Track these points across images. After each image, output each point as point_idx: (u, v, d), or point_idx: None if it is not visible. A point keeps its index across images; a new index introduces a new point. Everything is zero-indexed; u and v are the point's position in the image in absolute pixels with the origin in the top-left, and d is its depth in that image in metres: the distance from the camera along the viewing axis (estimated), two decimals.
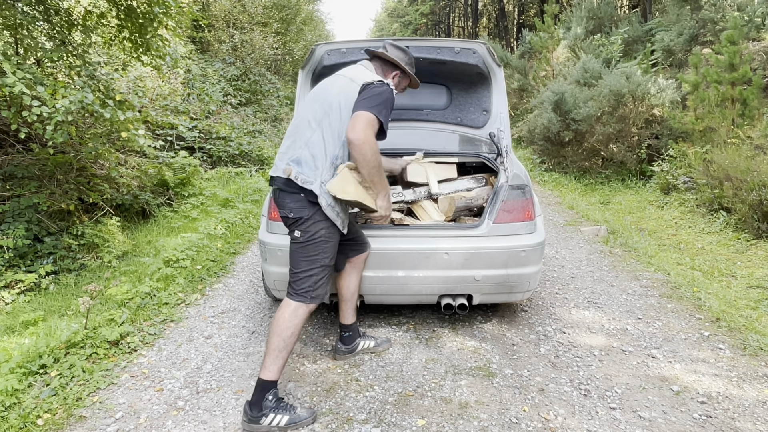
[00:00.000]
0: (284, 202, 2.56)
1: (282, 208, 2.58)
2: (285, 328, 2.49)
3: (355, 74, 2.64)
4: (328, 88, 2.63)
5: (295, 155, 2.53)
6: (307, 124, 2.56)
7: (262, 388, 2.49)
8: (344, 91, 2.55)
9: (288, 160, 2.54)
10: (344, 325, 3.11)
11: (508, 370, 2.95)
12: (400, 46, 2.89)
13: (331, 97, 2.56)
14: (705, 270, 4.71)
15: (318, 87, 2.73)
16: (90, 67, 4.93)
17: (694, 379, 2.85)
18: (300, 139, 2.56)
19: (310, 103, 2.64)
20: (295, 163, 2.51)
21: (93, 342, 3.31)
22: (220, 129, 9.63)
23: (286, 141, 2.66)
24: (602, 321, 3.59)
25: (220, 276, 4.66)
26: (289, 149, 2.58)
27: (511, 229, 3.14)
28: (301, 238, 2.55)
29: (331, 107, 2.53)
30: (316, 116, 2.55)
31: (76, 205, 5.60)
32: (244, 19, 15.11)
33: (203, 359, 3.19)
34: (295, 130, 2.62)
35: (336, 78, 2.68)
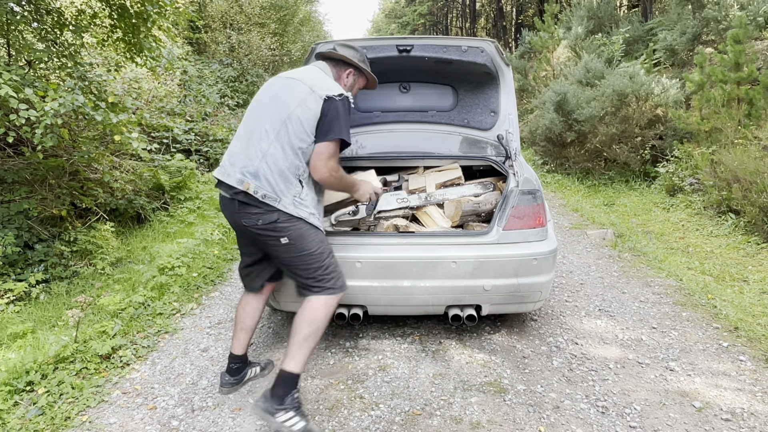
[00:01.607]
0: (246, 211, 2.40)
1: (245, 219, 2.41)
2: (314, 318, 2.43)
3: (314, 81, 2.50)
4: (286, 94, 2.46)
5: (251, 167, 2.37)
6: (264, 133, 2.41)
7: (286, 380, 2.38)
8: (305, 102, 2.41)
9: (243, 170, 2.38)
10: (236, 357, 2.81)
11: (521, 385, 2.80)
12: (351, 45, 2.81)
13: (290, 107, 2.41)
14: (716, 275, 4.57)
15: (273, 88, 2.57)
16: (81, 68, 4.77)
17: (716, 394, 2.71)
18: (255, 147, 2.41)
19: (265, 106, 2.50)
20: (253, 176, 2.36)
21: (83, 356, 3.16)
22: (217, 131, 9.47)
23: (237, 142, 2.51)
24: (615, 331, 3.45)
25: (216, 284, 4.50)
26: (242, 156, 2.43)
27: (522, 236, 2.99)
28: (291, 240, 2.43)
29: (290, 118, 2.39)
30: (273, 125, 2.41)
31: (69, 210, 5.44)
32: (241, 19, 14.96)
33: (199, 374, 3.04)
34: (249, 134, 2.47)
35: (293, 84, 2.49)
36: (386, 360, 3.08)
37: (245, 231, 2.49)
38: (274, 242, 2.44)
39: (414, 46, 3.44)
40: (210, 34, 14.21)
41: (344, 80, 2.74)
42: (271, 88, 2.56)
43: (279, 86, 2.54)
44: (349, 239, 3.02)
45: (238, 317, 2.80)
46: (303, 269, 2.48)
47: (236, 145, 2.50)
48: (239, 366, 2.83)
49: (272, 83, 2.61)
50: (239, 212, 2.41)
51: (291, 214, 2.39)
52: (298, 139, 2.39)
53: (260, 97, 2.58)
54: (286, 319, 3.69)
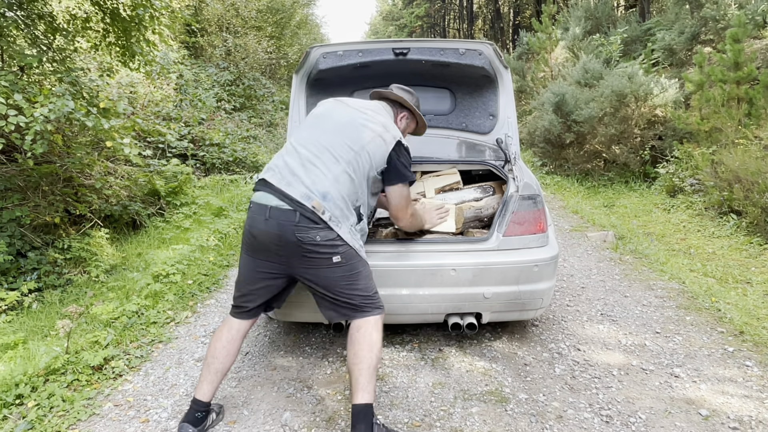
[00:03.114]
0: (307, 225, 2.27)
1: (302, 233, 2.27)
2: (373, 343, 2.35)
3: (386, 121, 2.57)
4: (359, 126, 2.49)
5: (321, 187, 2.32)
6: (334, 157, 2.39)
7: (365, 413, 2.26)
8: (376, 141, 2.46)
9: (312, 189, 2.31)
10: (203, 403, 2.45)
11: (522, 394, 2.73)
12: (406, 89, 2.89)
13: (363, 140, 2.44)
14: (718, 277, 4.51)
15: (341, 114, 2.57)
16: (72, 73, 4.70)
17: (722, 402, 2.64)
18: (326, 168, 2.36)
19: (336, 131, 2.48)
20: (322, 196, 2.30)
21: (75, 367, 3.08)
22: (213, 135, 9.40)
23: (302, 152, 2.43)
24: (618, 336, 3.38)
25: (212, 291, 4.43)
26: (307, 170, 2.36)
27: (522, 243, 2.93)
28: (343, 260, 2.35)
29: (362, 150, 2.42)
30: (344, 153, 2.40)
31: (62, 217, 5.36)
32: (238, 23, 14.90)
33: (193, 385, 2.96)
34: (317, 153, 2.41)
35: (367, 118, 2.53)
36: (385, 369, 3.01)
37: (284, 246, 2.32)
38: (324, 261, 2.32)
39: (410, 49, 3.38)
40: (206, 38, 14.15)
41: (398, 123, 2.81)
42: (340, 115, 2.56)
43: (349, 115, 2.55)
44: None
45: (213, 356, 2.48)
46: (351, 289, 2.39)
47: (300, 156, 2.42)
48: (203, 414, 2.47)
49: (338, 108, 2.61)
50: (298, 225, 2.27)
51: (345, 240, 2.34)
52: (364, 172, 2.43)
53: (326, 120, 2.56)
54: (283, 327, 3.62)
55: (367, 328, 2.37)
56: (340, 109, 2.61)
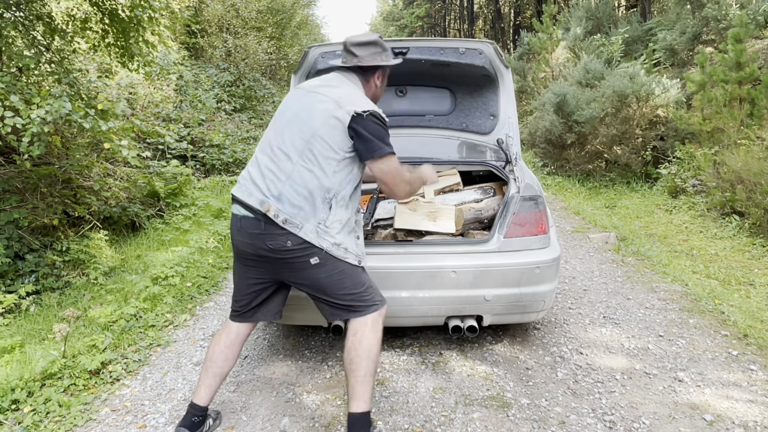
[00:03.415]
0: (273, 232, 2.17)
1: (271, 240, 2.18)
2: (370, 348, 2.23)
3: (340, 95, 2.28)
4: (309, 111, 2.27)
5: (275, 189, 2.18)
6: (287, 154, 2.23)
7: (361, 422, 2.22)
8: (329, 122, 2.21)
9: (265, 191, 2.19)
10: (200, 408, 2.40)
11: (524, 399, 2.69)
12: (363, 41, 2.45)
13: (314, 125, 2.22)
14: (721, 278, 4.47)
15: (295, 102, 2.37)
16: (70, 74, 4.67)
17: (727, 406, 2.60)
18: (278, 168, 2.22)
19: (288, 123, 2.30)
20: (276, 199, 2.17)
21: (72, 372, 3.05)
22: (213, 136, 9.37)
23: (260, 159, 2.30)
24: (621, 339, 3.34)
25: (211, 293, 4.40)
26: (264, 175, 2.23)
27: (523, 244, 2.89)
28: (322, 260, 2.21)
29: (314, 137, 2.21)
30: (295, 145, 2.22)
31: (61, 219, 5.33)
32: (238, 23, 14.87)
33: (191, 389, 2.93)
34: (272, 152, 2.27)
35: (317, 99, 2.29)
36: (385, 373, 2.98)
37: (263, 256, 2.25)
38: (302, 265, 2.22)
39: (410, 49, 3.34)
40: (206, 39, 14.13)
41: (375, 83, 2.51)
42: (294, 103, 2.36)
43: (302, 101, 2.34)
44: None
45: (211, 359, 2.42)
46: (337, 290, 2.27)
47: (258, 163, 2.29)
48: (200, 419, 2.42)
49: (295, 96, 2.41)
50: (265, 233, 2.18)
51: (309, 241, 2.18)
52: (325, 159, 2.20)
53: (283, 112, 2.38)
54: (282, 330, 3.59)
55: (364, 331, 2.26)
56: (296, 97, 2.40)
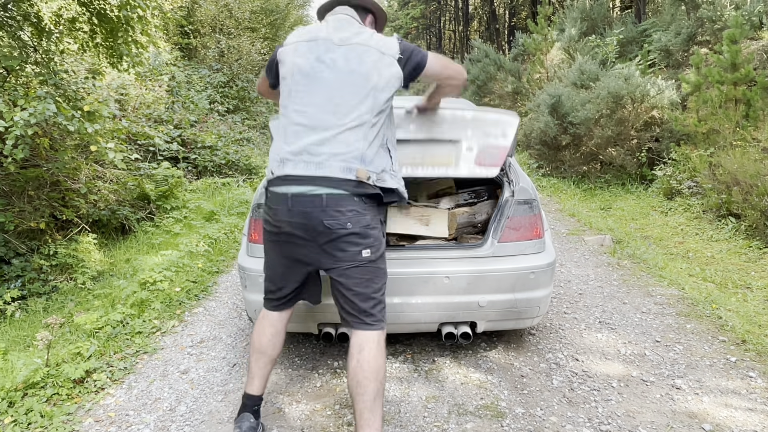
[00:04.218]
0: (337, 209, 2.03)
1: (330, 219, 2.03)
2: (378, 368, 2.09)
3: (375, 42, 2.16)
4: (361, 65, 2.11)
5: (356, 151, 2.06)
6: (356, 116, 2.08)
7: None
8: (381, 69, 2.13)
9: (347, 158, 2.04)
10: (256, 397, 2.39)
11: (519, 408, 2.62)
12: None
13: (371, 79, 2.11)
14: (718, 282, 4.43)
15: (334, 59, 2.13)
16: (56, 75, 4.57)
17: (726, 415, 2.54)
18: (348, 132, 2.06)
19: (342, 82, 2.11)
20: (362, 161, 2.06)
21: (55, 381, 2.96)
22: (206, 138, 9.28)
23: (308, 132, 2.09)
24: (617, 345, 3.28)
25: (200, 299, 4.32)
26: (334, 143, 2.06)
27: (518, 249, 2.83)
28: (373, 255, 2.12)
29: (375, 89, 2.11)
30: (364, 103, 2.09)
31: (48, 222, 5.23)
32: (231, 24, 14.78)
33: (177, 399, 2.85)
34: (331, 118, 2.08)
35: (361, 51, 2.13)
36: None
37: (311, 238, 2.09)
38: (351, 256, 2.08)
39: None
40: (199, 39, 14.03)
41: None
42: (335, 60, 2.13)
43: (343, 55, 2.14)
44: None
45: (261, 351, 2.35)
46: (365, 288, 2.14)
47: (309, 133, 2.09)
48: (259, 407, 2.41)
49: (322, 51, 2.15)
50: (326, 209, 2.03)
51: (392, 188, 2.17)
52: (385, 109, 2.17)
53: (322, 72, 2.13)
54: None
55: (370, 348, 2.10)
56: (320, 53, 2.16)
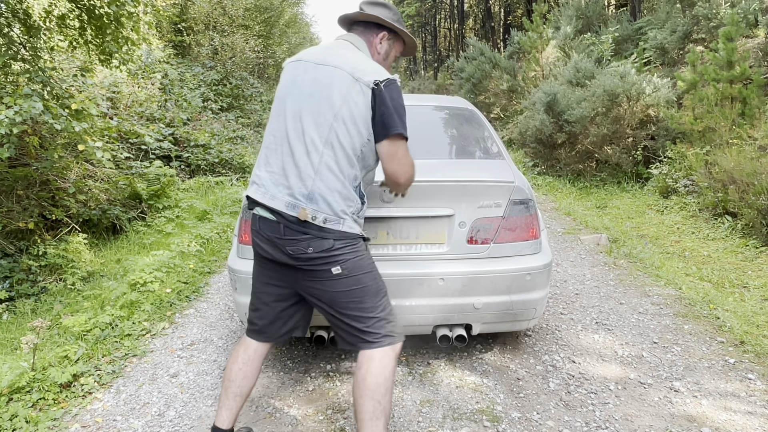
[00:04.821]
0: (294, 237, 1.92)
1: (291, 246, 1.93)
2: (377, 386, 1.93)
3: (354, 64, 1.97)
4: (324, 88, 1.95)
5: (303, 188, 1.91)
6: (311, 143, 1.92)
7: None
8: (350, 95, 1.92)
9: (294, 192, 1.91)
10: (223, 431, 2.18)
11: (515, 412, 2.57)
12: (381, 2, 2.18)
13: (335, 105, 1.92)
14: (715, 281, 4.39)
15: (304, 80, 2.01)
16: (42, 73, 4.49)
17: (725, 419, 2.50)
18: (304, 163, 1.92)
19: (302, 107, 1.97)
20: (307, 199, 1.90)
21: (41, 385, 2.90)
22: (199, 136, 9.19)
23: (274, 156, 1.99)
24: (614, 346, 3.24)
25: (192, 300, 4.25)
26: (287, 174, 1.94)
27: (514, 250, 2.77)
28: (345, 270, 1.95)
29: (336, 119, 1.91)
30: (319, 132, 1.91)
31: (37, 222, 5.15)
32: (225, 21, 14.67)
33: (166, 404, 2.79)
34: (291, 145, 1.95)
35: (331, 74, 1.97)
36: None
37: (282, 262, 2.01)
38: (322, 275, 1.96)
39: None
40: (193, 37, 13.92)
41: (377, 47, 2.18)
42: (303, 82, 2.02)
43: (312, 78, 2.00)
44: None
45: (229, 378, 2.18)
46: (354, 310, 1.99)
47: (275, 159, 1.99)
48: None
49: (300, 72, 2.05)
50: (284, 237, 1.93)
51: (354, 233, 1.97)
52: (351, 143, 1.92)
53: (290, 95, 2.03)
54: None
55: (368, 366, 1.96)
56: (302, 72, 2.05)
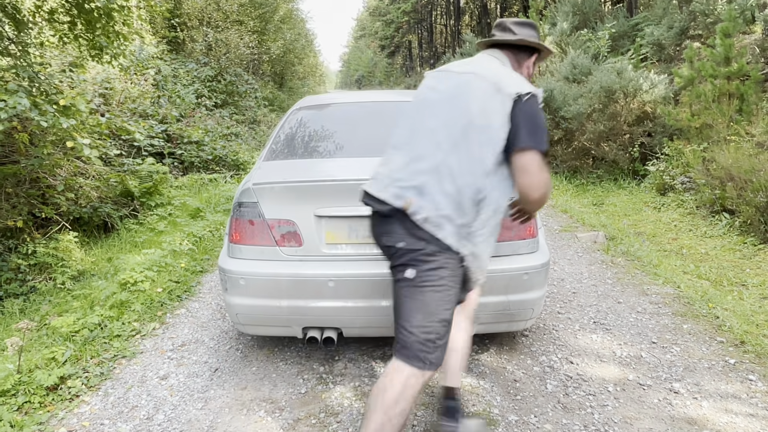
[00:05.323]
0: (391, 228, 1.91)
1: (386, 235, 1.93)
2: (393, 402, 1.82)
3: (498, 77, 1.93)
4: (463, 93, 1.93)
5: (416, 181, 1.87)
6: (436, 143, 1.89)
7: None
8: (488, 105, 1.87)
9: (405, 183, 1.88)
10: (450, 390, 2.23)
11: (512, 415, 2.52)
12: (523, 21, 2.18)
13: (471, 111, 1.88)
14: (713, 279, 4.34)
15: (443, 84, 2.02)
16: (30, 68, 4.39)
17: (726, 421, 2.45)
18: (425, 159, 1.89)
19: (436, 108, 1.97)
20: (417, 192, 1.86)
21: (27, 388, 2.83)
22: (192, 133, 9.09)
23: (397, 152, 2.00)
24: (612, 347, 3.18)
25: (183, 299, 4.17)
26: (405, 168, 1.92)
27: (511, 249, 2.71)
28: (417, 279, 1.86)
29: (471, 125, 1.87)
30: (449, 134, 1.88)
31: (26, 220, 5.06)
32: (219, 17, 14.54)
33: (155, 407, 2.72)
34: (415, 141, 1.95)
35: (471, 80, 1.95)
36: (364, 387, 2.79)
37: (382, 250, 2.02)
38: (398, 272, 1.92)
39: None
40: (186, 32, 13.79)
41: (528, 70, 2.19)
42: (441, 85, 2.03)
43: (452, 83, 2.00)
44: (319, 255, 2.72)
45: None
46: (412, 323, 1.88)
47: (397, 155, 1.98)
48: (454, 405, 2.22)
49: (441, 78, 2.07)
50: (379, 226, 1.97)
51: (449, 246, 1.86)
52: (482, 152, 1.85)
53: (426, 97, 2.04)
54: (256, 340, 3.38)
55: (395, 377, 1.85)
56: (443, 79, 2.06)
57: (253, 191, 2.73)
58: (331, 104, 3.84)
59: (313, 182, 2.74)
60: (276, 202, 2.71)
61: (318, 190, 2.70)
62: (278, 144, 3.37)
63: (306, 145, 3.40)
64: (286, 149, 3.33)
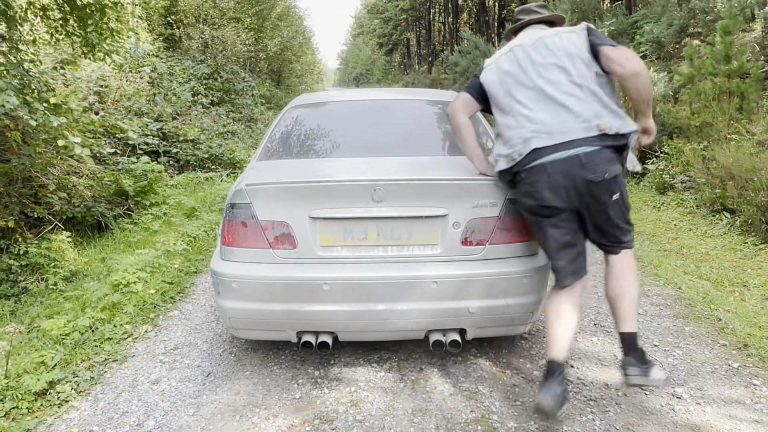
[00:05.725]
0: (595, 164, 2.26)
1: (592, 173, 2.26)
2: (636, 275, 2.52)
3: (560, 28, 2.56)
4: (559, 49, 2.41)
5: (589, 111, 2.29)
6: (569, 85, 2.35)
7: (634, 340, 2.43)
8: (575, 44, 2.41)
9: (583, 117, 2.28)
10: (558, 363, 2.35)
11: (512, 422, 2.46)
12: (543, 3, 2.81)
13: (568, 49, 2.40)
14: (714, 279, 4.29)
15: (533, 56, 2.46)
16: (19, 65, 4.31)
17: (731, 428, 2.39)
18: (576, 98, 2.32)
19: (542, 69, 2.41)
20: (597, 117, 2.28)
21: (15, 393, 2.76)
22: (188, 131, 9.01)
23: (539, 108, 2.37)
24: (613, 350, 3.13)
25: (176, 301, 4.10)
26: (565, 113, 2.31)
27: (510, 251, 2.65)
28: (622, 195, 2.37)
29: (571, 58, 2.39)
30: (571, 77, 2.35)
31: (18, 220, 4.99)
32: (216, 14, 14.43)
33: (146, 412, 2.65)
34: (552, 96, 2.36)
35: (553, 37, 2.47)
36: (360, 393, 2.72)
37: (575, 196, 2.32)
38: (606, 200, 2.33)
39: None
40: (182, 30, 13.68)
41: None
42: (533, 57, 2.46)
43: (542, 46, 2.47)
44: (313, 258, 2.65)
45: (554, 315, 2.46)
46: (622, 224, 2.43)
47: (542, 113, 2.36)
48: (562, 375, 2.35)
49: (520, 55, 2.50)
50: (585, 167, 2.26)
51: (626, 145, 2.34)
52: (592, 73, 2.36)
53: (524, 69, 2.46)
54: (250, 344, 3.31)
55: (630, 261, 2.49)
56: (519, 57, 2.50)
57: (246, 192, 2.66)
58: (328, 103, 3.77)
59: (308, 183, 2.67)
60: (270, 203, 2.64)
61: (313, 191, 2.63)
62: (273, 143, 3.30)
63: (301, 145, 3.34)
64: (280, 149, 3.27)
